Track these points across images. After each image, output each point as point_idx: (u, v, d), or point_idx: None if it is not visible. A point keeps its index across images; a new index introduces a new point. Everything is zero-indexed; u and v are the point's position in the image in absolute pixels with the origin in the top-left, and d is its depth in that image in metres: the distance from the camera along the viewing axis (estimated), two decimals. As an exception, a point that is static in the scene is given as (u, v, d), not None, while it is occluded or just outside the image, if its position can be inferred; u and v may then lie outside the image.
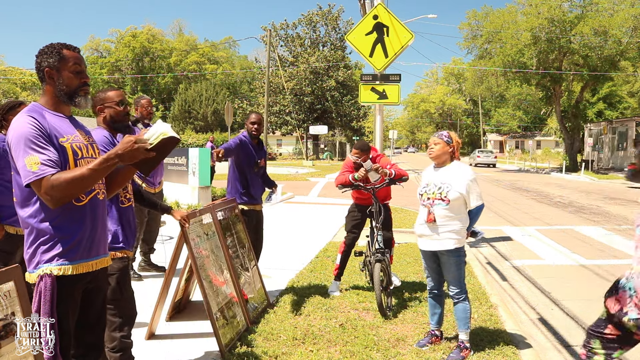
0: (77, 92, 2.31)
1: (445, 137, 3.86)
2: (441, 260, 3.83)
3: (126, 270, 3.13)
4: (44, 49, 2.28)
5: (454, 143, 3.87)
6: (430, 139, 3.96)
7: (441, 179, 3.80)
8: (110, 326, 3.04)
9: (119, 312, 3.08)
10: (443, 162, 3.86)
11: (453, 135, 3.91)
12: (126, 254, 3.12)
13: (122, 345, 3.08)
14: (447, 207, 3.71)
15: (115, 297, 3.05)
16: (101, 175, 2.20)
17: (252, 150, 5.09)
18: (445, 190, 3.73)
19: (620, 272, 7.30)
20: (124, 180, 2.52)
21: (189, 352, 3.82)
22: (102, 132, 3.08)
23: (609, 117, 38.61)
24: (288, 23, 47.41)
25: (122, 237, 3.09)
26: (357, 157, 5.14)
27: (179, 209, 10.45)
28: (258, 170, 5.15)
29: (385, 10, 7.61)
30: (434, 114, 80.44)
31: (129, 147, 2.16)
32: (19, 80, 52.25)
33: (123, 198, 3.12)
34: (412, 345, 3.99)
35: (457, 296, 3.83)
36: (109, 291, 3.00)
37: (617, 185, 22.02)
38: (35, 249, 2.21)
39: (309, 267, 6.51)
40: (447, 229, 3.72)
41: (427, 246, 3.84)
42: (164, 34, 72.84)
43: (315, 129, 40.36)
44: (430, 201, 3.78)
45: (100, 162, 2.16)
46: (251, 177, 5.10)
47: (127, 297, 3.13)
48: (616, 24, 26.91)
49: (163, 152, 2.37)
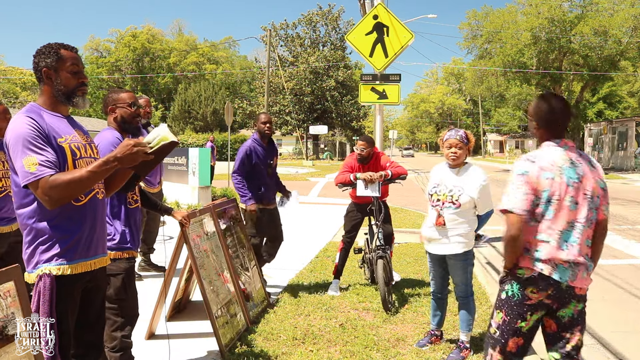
0: (75, 92, 2.31)
1: (464, 140, 3.75)
2: (449, 264, 3.80)
3: (132, 271, 3.14)
4: (41, 49, 2.28)
5: (470, 144, 3.78)
6: (448, 139, 3.76)
7: (453, 181, 3.71)
8: (111, 325, 3.04)
9: (121, 312, 3.08)
10: (460, 164, 3.77)
11: (469, 135, 3.81)
12: (132, 255, 3.13)
13: (122, 345, 3.08)
14: (457, 210, 3.65)
15: (119, 297, 3.05)
16: (100, 178, 2.20)
17: (263, 152, 5.25)
18: (457, 193, 3.65)
19: (620, 272, 7.30)
20: (121, 181, 2.53)
21: (189, 352, 3.82)
22: (114, 132, 3.11)
23: (609, 117, 38.65)
24: (288, 23, 47.39)
25: (129, 238, 3.11)
26: (363, 148, 5.21)
27: (179, 209, 10.44)
28: (271, 170, 5.36)
29: (385, 10, 7.61)
30: (433, 114, 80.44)
31: (128, 151, 2.16)
32: (19, 80, 52.25)
33: (130, 199, 3.13)
34: (412, 345, 3.98)
35: (463, 299, 3.81)
36: (113, 291, 3.02)
37: (617, 185, 22.01)
38: (34, 249, 2.20)
39: (309, 267, 6.51)
40: (456, 232, 3.67)
41: (435, 250, 3.79)
42: (164, 34, 72.85)
43: (315, 129, 40.36)
44: (440, 203, 3.70)
45: (100, 164, 2.15)
46: (264, 179, 5.27)
47: (131, 298, 3.14)
48: (616, 24, 26.90)
49: (161, 155, 2.39)
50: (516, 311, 2.55)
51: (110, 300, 2.99)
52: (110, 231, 3.05)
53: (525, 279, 2.51)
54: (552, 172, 2.47)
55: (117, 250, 3.05)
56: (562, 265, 2.47)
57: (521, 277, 2.52)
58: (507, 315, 2.58)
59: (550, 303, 2.53)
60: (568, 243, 2.47)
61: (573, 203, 2.48)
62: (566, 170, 2.49)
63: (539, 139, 2.64)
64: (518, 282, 2.53)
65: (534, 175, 2.47)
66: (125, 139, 2.24)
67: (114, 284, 3.02)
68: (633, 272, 6.72)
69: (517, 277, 2.53)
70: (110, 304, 3.00)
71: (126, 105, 3.15)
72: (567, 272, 2.47)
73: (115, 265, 3.01)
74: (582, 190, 2.50)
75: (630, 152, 30.35)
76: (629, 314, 5.05)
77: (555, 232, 2.47)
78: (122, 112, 3.15)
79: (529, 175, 2.47)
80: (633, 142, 30.31)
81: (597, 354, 4.09)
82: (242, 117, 46.82)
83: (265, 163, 5.26)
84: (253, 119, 45.75)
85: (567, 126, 2.66)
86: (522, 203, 2.45)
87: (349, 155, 5.68)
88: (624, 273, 6.64)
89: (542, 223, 2.48)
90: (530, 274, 2.49)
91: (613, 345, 4.25)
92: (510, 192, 2.49)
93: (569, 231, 2.48)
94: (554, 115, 2.57)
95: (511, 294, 2.56)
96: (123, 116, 3.15)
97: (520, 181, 2.48)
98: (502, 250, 2.58)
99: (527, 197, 2.46)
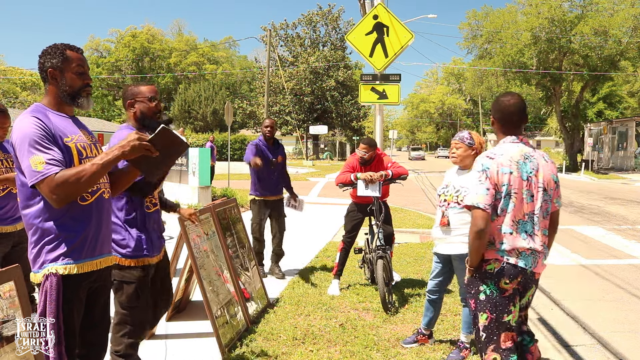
0: (80, 93, 2.32)
1: (467, 140, 3.74)
2: (453, 264, 3.81)
3: (146, 279, 3.01)
4: (47, 50, 2.29)
5: (476, 145, 3.75)
6: (452, 141, 3.83)
7: (460, 182, 3.73)
8: (119, 331, 2.98)
9: (132, 319, 2.98)
10: (466, 166, 3.76)
11: (475, 136, 3.78)
12: (149, 262, 3.01)
13: (126, 352, 3.01)
14: (462, 211, 3.64)
15: (131, 305, 2.96)
16: (104, 170, 2.18)
17: (267, 151, 6.03)
18: (462, 194, 3.65)
19: (620, 272, 7.31)
20: (127, 181, 2.52)
21: (189, 352, 3.82)
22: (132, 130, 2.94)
23: (609, 117, 38.60)
24: (288, 23, 47.32)
25: (145, 245, 2.98)
26: (365, 152, 5.20)
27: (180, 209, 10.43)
28: (274, 167, 6.05)
29: (385, 10, 7.60)
30: (433, 114, 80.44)
31: (130, 141, 2.16)
32: (19, 80, 52.24)
33: (149, 203, 3.03)
34: (411, 345, 3.99)
35: (466, 301, 3.81)
36: (125, 298, 2.94)
37: (617, 185, 22.01)
38: (40, 248, 2.20)
39: (309, 267, 6.51)
40: (460, 232, 3.66)
41: (441, 249, 3.83)
42: (164, 34, 72.86)
43: (315, 129, 40.32)
44: (446, 204, 3.74)
45: (102, 156, 2.17)
46: (265, 174, 5.99)
47: (143, 306, 3.03)
48: (616, 24, 26.88)
49: (167, 154, 2.32)
50: (500, 307, 2.67)
51: (122, 306, 2.96)
52: (125, 237, 2.93)
53: (496, 273, 2.66)
54: (510, 167, 2.64)
55: (131, 258, 2.93)
56: (524, 252, 2.66)
57: (492, 272, 2.67)
58: (492, 313, 2.68)
59: (520, 289, 2.72)
60: (527, 233, 2.67)
61: (529, 196, 2.67)
62: (522, 165, 2.66)
63: (498, 135, 2.84)
64: (490, 279, 2.68)
65: (494, 171, 2.63)
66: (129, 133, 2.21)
67: (126, 291, 2.94)
68: (633, 272, 6.72)
69: (488, 273, 2.68)
70: (122, 309, 2.96)
71: (146, 99, 2.98)
72: (530, 259, 2.67)
73: (129, 273, 2.92)
74: (537, 184, 2.69)
75: (630, 152, 30.35)
76: (629, 314, 5.05)
77: (515, 224, 2.65)
78: (141, 107, 2.97)
79: (490, 171, 2.63)
80: (633, 142, 30.31)
81: (597, 354, 4.09)
82: (242, 117, 46.74)
83: (267, 159, 5.92)
84: (253, 119, 45.77)
85: (524, 123, 2.82)
86: (486, 198, 2.60)
87: (350, 155, 5.70)
88: (624, 273, 6.64)
89: (505, 216, 2.65)
90: (499, 266, 2.66)
91: (613, 345, 4.25)
92: (474, 188, 2.64)
93: (527, 222, 2.67)
94: (511, 113, 2.75)
95: (489, 292, 2.69)
96: (142, 111, 2.97)
97: (482, 177, 2.63)
98: (469, 248, 2.70)
99: (489, 192, 2.61)
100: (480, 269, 2.69)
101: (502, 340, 2.67)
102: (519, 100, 2.78)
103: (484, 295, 2.69)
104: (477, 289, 2.71)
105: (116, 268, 2.88)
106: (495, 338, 2.68)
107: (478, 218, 2.59)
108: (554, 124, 45.01)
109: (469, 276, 2.75)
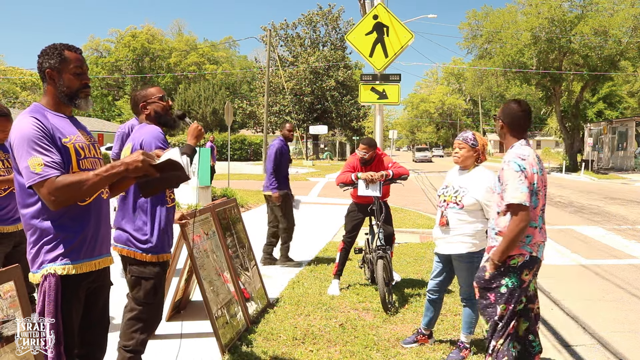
0: (78, 94, 2.31)
1: (470, 141, 3.74)
2: (454, 264, 3.81)
3: (163, 275, 3.06)
4: (45, 50, 2.28)
5: (479, 147, 3.75)
6: (455, 141, 3.84)
7: (460, 183, 3.74)
8: (132, 326, 3.00)
9: (146, 315, 3.01)
10: (467, 166, 3.77)
11: (479, 138, 3.78)
12: (167, 259, 3.06)
13: (136, 347, 3.02)
14: (461, 211, 3.66)
15: (148, 301, 2.99)
16: (106, 182, 2.20)
17: (287, 150, 6.75)
18: (461, 194, 3.67)
19: (620, 272, 7.31)
20: (127, 185, 2.55)
21: (189, 352, 3.82)
22: (156, 127, 3.06)
23: (609, 117, 38.60)
24: (288, 23, 47.31)
25: (167, 241, 3.04)
26: (365, 152, 5.21)
27: (179, 209, 10.43)
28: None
29: (385, 10, 7.60)
30: (433, 114, 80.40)
31: (135, 159, 2.17)
32: (19, 80, 52.26)
33: (168, 198, 3.06)
34: (411, 345, 3.99)
35: (467, 301, 3.80)
36: (143, 293, 2.96)
37: (617, 185, 22.01)
38: (38, 249, 2.20)
39: (309, 267, 6.51)
40: (459, 232, 3.67)
41: (440, 249, 3.83)
42: (164, 34, 72.91)
43: (315, 129, 40.31)
44: (445, 204, 3.76)
45: (107, 169, 2.17)
46: (286, 171, 6.72)
47: (158, 303, 3.07)
48: (616, 24, 26.88)
49: (166, 179, 2.36)
50: (517, 298, 2.92)
51: (138, 302, 2.98)
52: (147, 233, 2.96)
53: (519, 266, 2.89)
54: (535, 167, 2.91)
55: (153, 253, 2.96)
56: (540, 244, 2.97)
57: (515, 266, 2.90)
58: (510, 304, 2.91)
59: (532, 278, 2.98)
60: (540, 225, 2.97)
61: (543, 192, 2.97)
62: (538, 164, 2.95)
63: (507, 139, 3.07)
64: (513, 272, 2.90)
65: (529, 171, 2.86)
66: (137, 150, 2.24)
67: (144, 287, 2.96)
68: (633, 272, 6.73)
69: (512, 267, 2.90)
70: (137, 305, 2.98)
71: (157, 99, 3.13)
72: (541, 249, 2.98)
73: (149, 269, 2.95)
74: (545, 181, 3.00)
75: (630, 152, 30.35)
76: (629, 314, 5.05)
77: (537, 218, 2.94)
78: (155, 107, 3.12)
79: (527, 171, 2.85)
80: (633, 142, 30.30)
81: (597, 354, 4.09)
82: (242, 117, 46.75)
83: (288, 158, 6.76)
84: (253, 119, 45.77)
85: (529, 127, 3.12)
86: (528, 196, 2.82)
87: (351, 155, 5.70)
88: (624, 273, 6.64)
89: (533, 212, 2.88)
90: (522, 260, 2.89)
91: (613, 345, 4.25)
92: (515, 188, 2.82)
93: (541, 216, 2.98)
94: (520, 118, 3.02)
95: (512, 285, 2.91)
96: (157, 111, 3.12)
97: (522, 177, 2.83)
98: (506, 245, 2.86)
99: (528, 191, 2.82)
100: (504, 264, 2.90)
101: (511, 327, 2.94)
102: (526, 107, 3.05)
103: (505, 288, 2.91)
104: (499, 283, 2.92)
105: (134, 264, 2.94)
106: (508, 327, 2.92)
107: (523, 215, 2.80)
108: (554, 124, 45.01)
109: (492, 271, 2.93)
